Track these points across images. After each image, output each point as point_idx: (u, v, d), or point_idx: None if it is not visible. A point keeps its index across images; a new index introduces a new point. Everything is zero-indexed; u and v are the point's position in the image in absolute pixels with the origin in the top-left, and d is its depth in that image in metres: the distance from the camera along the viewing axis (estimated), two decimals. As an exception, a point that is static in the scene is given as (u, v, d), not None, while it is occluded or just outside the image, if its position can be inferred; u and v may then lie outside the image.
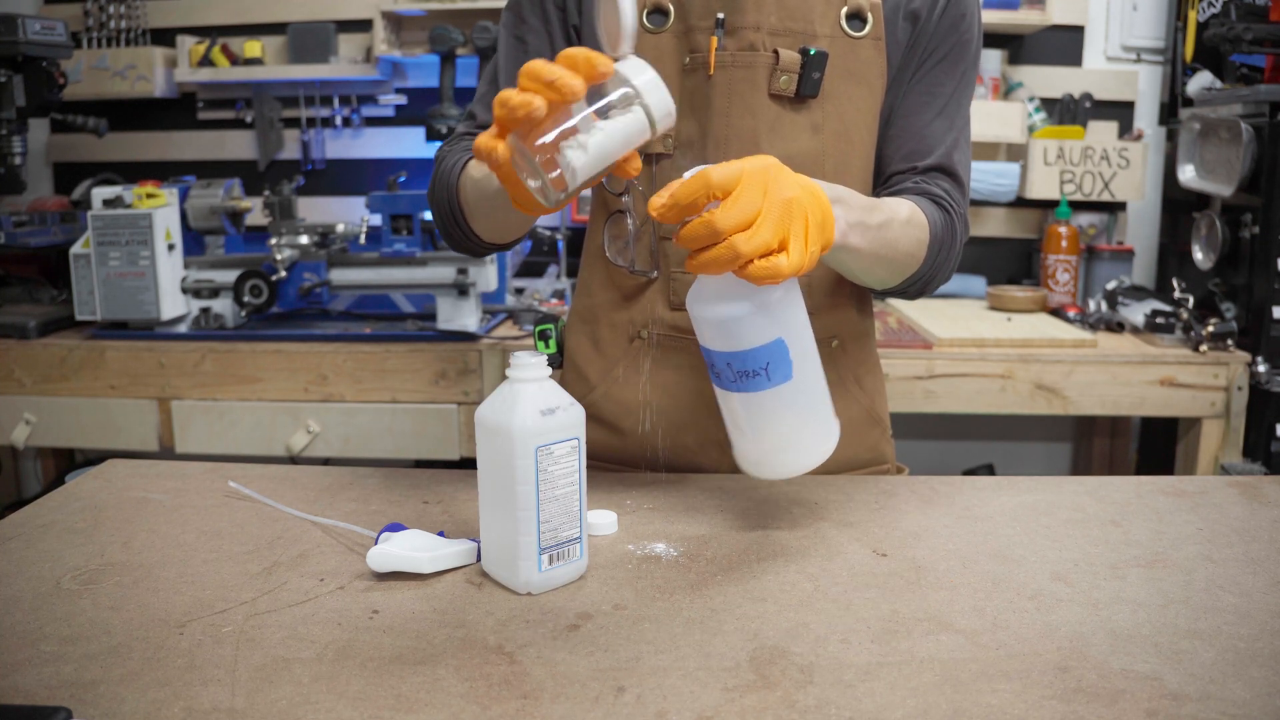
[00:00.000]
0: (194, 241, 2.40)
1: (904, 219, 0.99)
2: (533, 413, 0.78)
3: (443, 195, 1.11)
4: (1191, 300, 2.24)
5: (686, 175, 0.77)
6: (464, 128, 1.18)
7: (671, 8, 1.08)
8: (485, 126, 1.15)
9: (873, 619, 0.77)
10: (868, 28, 1.07)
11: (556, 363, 1.21)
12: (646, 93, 0.75)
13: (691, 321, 0.83)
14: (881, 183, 1.15)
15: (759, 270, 0.76)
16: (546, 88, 0.71)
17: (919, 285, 1.08)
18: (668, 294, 1.12)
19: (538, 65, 0.71)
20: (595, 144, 0.75)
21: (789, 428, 0.84)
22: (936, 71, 1.11)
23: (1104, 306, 2.39)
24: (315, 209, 2.85)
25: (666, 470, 1.16)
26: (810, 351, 0.83)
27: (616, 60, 0.76)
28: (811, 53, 1.04)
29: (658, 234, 1.12)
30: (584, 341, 1.20)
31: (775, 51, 1.05)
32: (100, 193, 2.23)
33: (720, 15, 1.05)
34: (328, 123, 2.82)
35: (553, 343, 1.19)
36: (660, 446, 1.16)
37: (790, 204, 0.77)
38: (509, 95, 0.71)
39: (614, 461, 1.18)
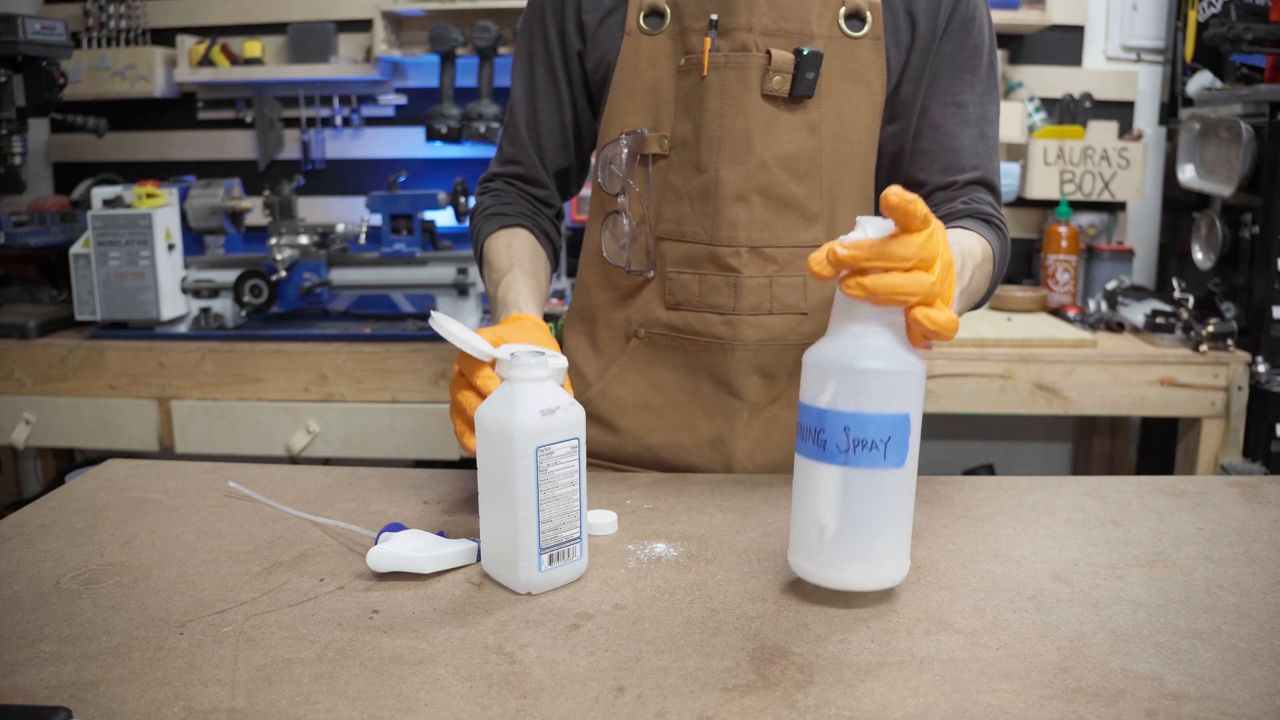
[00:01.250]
0: (194, 241, 2.40)
1: (980, 262, 1.00)
2: (533, 413, 0.78)
3: (475, 252, 1.22)
4: (1191, 300, 2.24)
5: (868, 232, 0.72)
6: (496, 167, 1.25)
7: (668, 10, 1.09)
8: (514, 163, 1.22)
9: (873, 619, 0.77)
10: (867, 28, 1.07)
11: None
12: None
13: (806, 377, 0.76)
14: (917, 187, 1.14)
15: (938, 315, 0.71)
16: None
17: (970, 309, 1.10)
18: (664, 294, 1.13)
19: (458, 422, 0.89)
20: None
21: (879, 526, 0.75)
22: (957, 81, 1.11)
23: (1104, 306, 2.40)
24: (315, 209, 2.85)
25: (660, 469, 1.16)
26: (917, 447, 0.75)
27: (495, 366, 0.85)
28: (805, 53, 1.04)
29: (654, 234, 1.12)
30: (582, 340, 1.20)
31: (768, 52, 1.05)
32: (100, 193, 2.23)
33: (713, 16, 1.06)
34: (328, 123, 2.82)
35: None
36: (654, 445, 1.16)
37: (951, 265, 0.75)
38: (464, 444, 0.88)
39: (609, 459, 1.19)
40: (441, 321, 0.84)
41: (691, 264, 1.10)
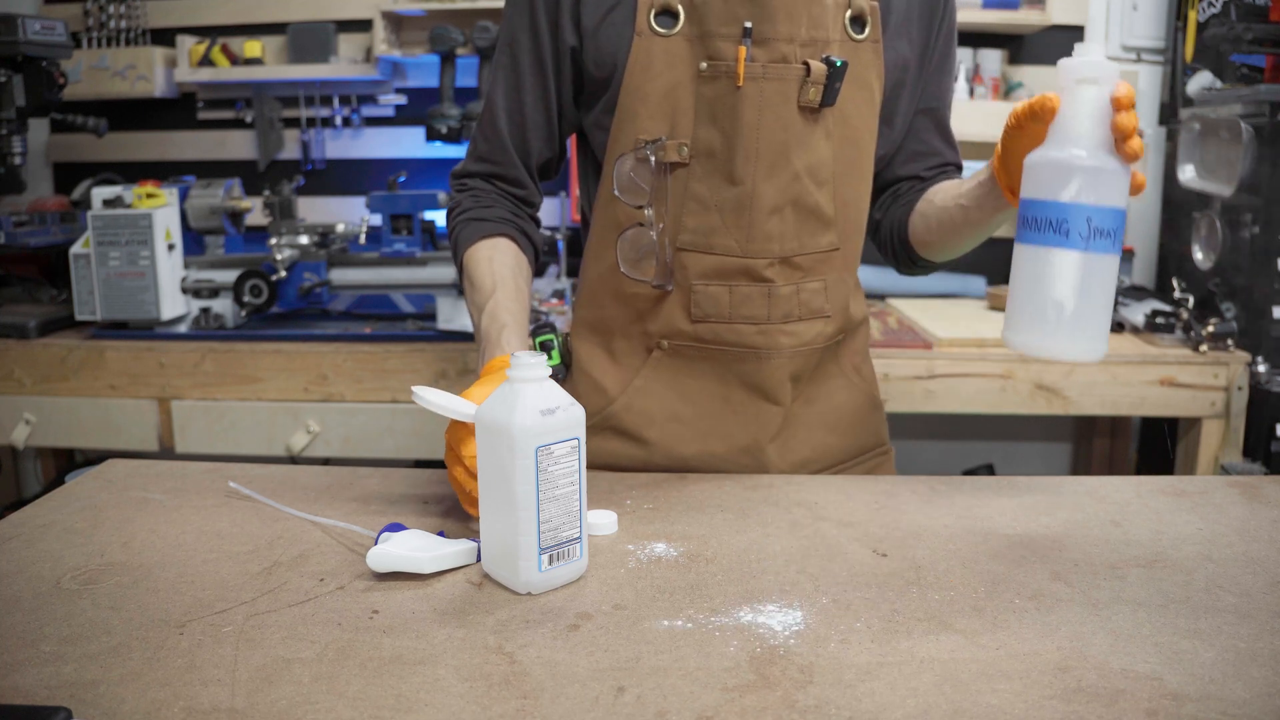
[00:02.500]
0: (194, 241, 2.40)
1: None
2: (533, 413, 0.78)
3: (454, 258, 1.19)
4: (1191, 300, 2.24)
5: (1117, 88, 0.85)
6: (472, 164, 1.19)
7: (681, 10, 1.05)
8: (489, 160, 1.18)
9: (873, 619, 0.77)
10: (867, 30, 1.07)
11: (561, 374, 1.19)
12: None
13: (1040, 176, 0.86)
14: (895, 182, 1.21)
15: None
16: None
17: None
18: (688, 306, 1.10)
19: (459, 492, 0.92)
20: None
21: (1103, 304, 0.87)
22: (943, 82, 1.17)
23: (1104, 306, 2.39)
24: (315, 209, 2.85)
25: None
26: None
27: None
28: (838, 64, 1.03)
29: (674, 246, 1.10)
30: (598, 353, 1.17)
31: (805, 64, 1.03)
32: (100, 193, 2.23)
33: (747, 24, 1.02)
34: (328, 123, 2.82)
35: (555, 354, 1.17)
36: (686, 456, 1.15)
37: None
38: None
39: (638, 473, 1.17)
40: (423, 394, 0.86)
41: (721, 276, 1.09)
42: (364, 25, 2.72)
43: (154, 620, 0.76)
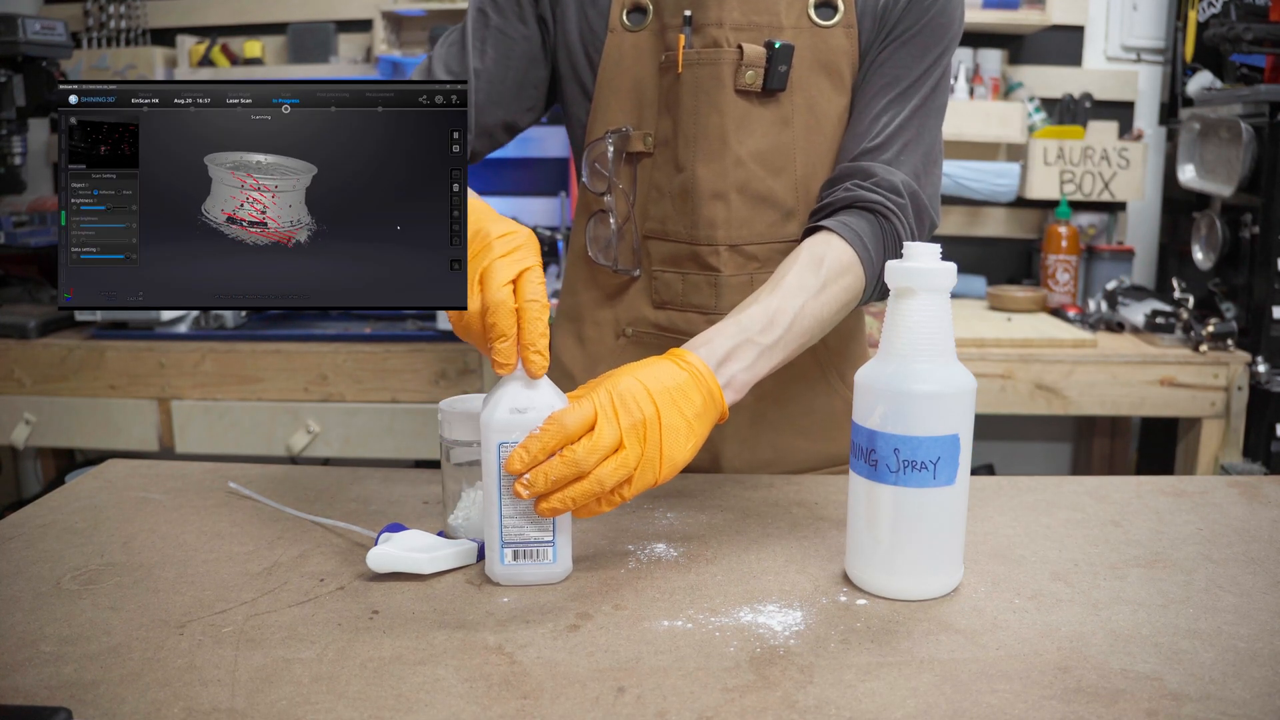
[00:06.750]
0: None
1: (816, 291, 0.95)
2: (503, 409, 0.78)
3: None
4: (1191, 300, 2.25)
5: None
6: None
7: (650, 5, 1.08)
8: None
9: (873, 619, 0.77)
10: (838, 16, 1.06)
11: None
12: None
13: (858, 398, 0.79)
14: (827, 185, 1.08)
15: (617, 501, 0.79)
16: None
17: (874, 298, 1.06)
18: (650, 293, 1.13)
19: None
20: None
21: (930, 541, 0.78)
22: (899, 55, 1.06)
23: (1104, 306, 2.40)
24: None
25: None
26: (968, 462, 0.78)
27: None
28: (776, 46, 1.03)
29: (640, 233, 1.12)
30: (569, 339, 1.20)
31: (739, 47, 1.04)
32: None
33: (687, 13, 1.05)
34: (328, 123, 2.82)
35: None
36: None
37: (643, 426, 0.79)
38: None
39: None
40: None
41: (675, 263, 1.11)
42: (364, 25, 2.72)
43: (154, 620, 0.76)
